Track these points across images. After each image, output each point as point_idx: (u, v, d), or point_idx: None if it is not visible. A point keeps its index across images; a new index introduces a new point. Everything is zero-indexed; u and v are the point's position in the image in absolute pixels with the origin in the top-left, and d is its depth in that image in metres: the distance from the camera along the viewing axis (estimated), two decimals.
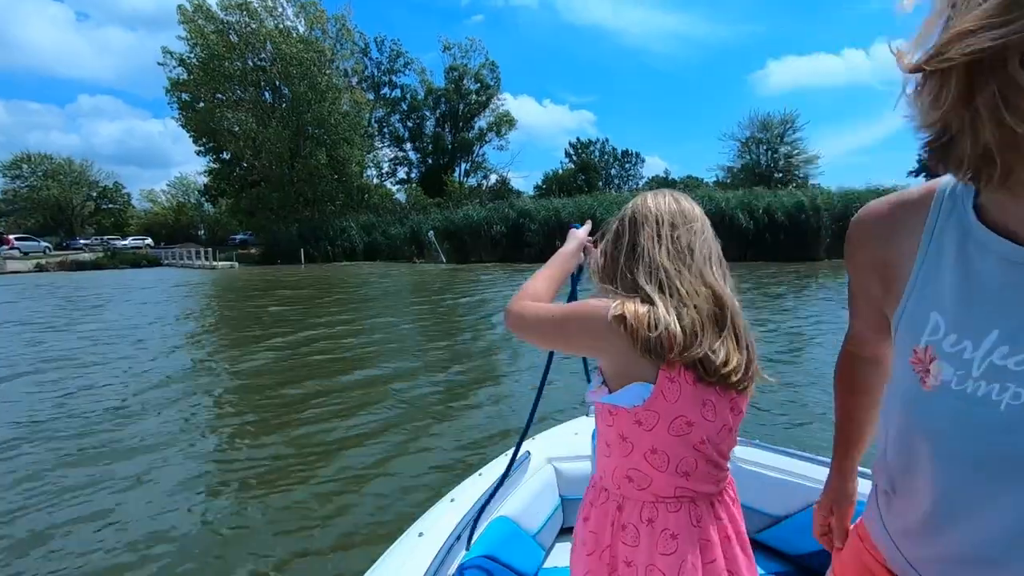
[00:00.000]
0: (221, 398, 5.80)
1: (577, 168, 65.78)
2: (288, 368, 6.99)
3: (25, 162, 62.58)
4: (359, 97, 38.56)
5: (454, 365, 7.04)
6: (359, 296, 15.74)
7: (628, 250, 0.99)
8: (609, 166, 69.56)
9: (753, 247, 25.78)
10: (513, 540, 1.61)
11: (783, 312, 10.78)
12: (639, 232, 0.99)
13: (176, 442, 4.44)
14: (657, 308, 0.89)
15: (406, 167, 53.64)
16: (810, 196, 26.30)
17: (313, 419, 4.95)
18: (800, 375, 6.22)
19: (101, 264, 30.99)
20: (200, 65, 34.27)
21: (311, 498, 3.43)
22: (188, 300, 15.95)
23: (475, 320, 11.04)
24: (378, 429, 4.68)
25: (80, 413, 5.22)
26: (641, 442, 0.93)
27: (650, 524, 0.94)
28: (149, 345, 8.62)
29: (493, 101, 51.17)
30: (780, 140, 51.91)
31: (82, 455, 4.22)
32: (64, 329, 10.43)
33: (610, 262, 1.02)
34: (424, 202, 39.61)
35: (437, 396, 5.71)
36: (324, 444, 4.38)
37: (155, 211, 70.43)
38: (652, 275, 0.94)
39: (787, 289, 15.08)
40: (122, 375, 6.70)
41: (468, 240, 31.01)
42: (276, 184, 36.32)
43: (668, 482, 0.94)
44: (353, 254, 33.92)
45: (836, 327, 8.83)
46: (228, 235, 53.00)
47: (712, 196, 28.21)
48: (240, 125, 34.20)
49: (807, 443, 3.97)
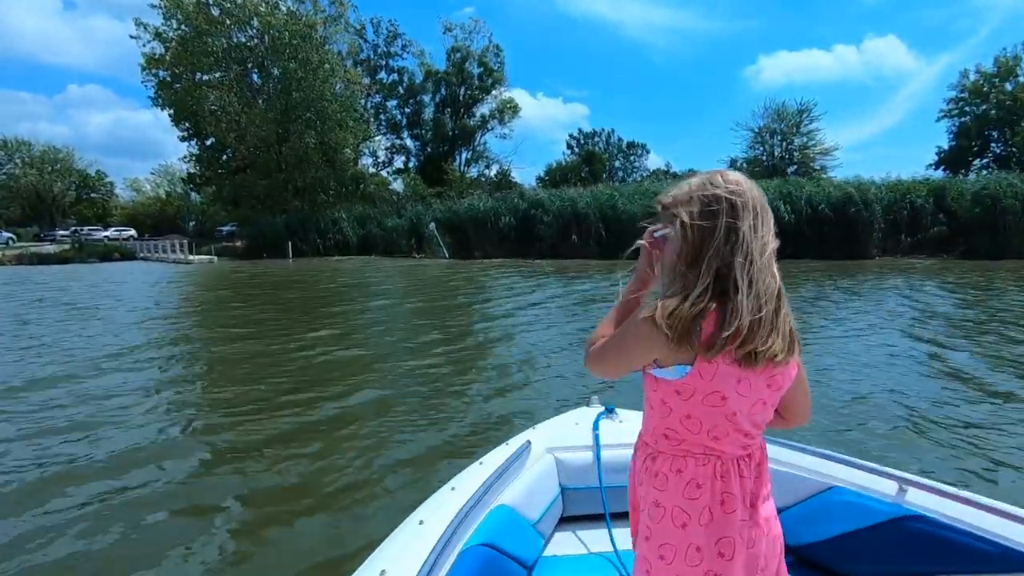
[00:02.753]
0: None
1: (581, 159, 63.41)
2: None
3: (2, 148, 59.49)
4: (353, 77, 35.38)
5: (457, 356, 6.77)
6: (357, 305, 12.85)
7: (723, 236, 0.94)
8: (613, 157, 67.42)
9: (793, 241, 22.97)
10: (513, 528, 1.60)
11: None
12: (740, 218, 0.95)
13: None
14: (738, 303, 0.91)
15: (403, 156, 50.61)
16: (858, 187, 23.44)
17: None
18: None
19: (66, 257, 28.03)
20: (178, 40, 31.07)
21: (306, 485, 3.42)
22: (118, 308, 13.03)
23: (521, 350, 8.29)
24: (375, 421, 4.65)
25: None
26: (679, 408, 1.00)
27: (679, 474, 1.03)
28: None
29: (497, 87, 48.01)
30: (796, 130, 49.27)
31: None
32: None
33: (692, 249, 0.96)
34: (423, 192, 36.65)
35: (436, 387, 5.58)
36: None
37: (140, 201, 67.21)
38: (746, 268, 0.93)
39: (822, 290, 12.28)
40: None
41: (472, 233, 28.18)
42: (263, 171, 33.25)
43: (698, 442, 1.02)
44: (346, 248, 31.16)
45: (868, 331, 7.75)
46: (216, 226, 50.00)
47: None
48: (221, 105, 31.03)
49: (807, 437, 3.48)
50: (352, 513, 3.10)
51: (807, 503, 1.71)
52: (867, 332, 7.84)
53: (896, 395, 4.95)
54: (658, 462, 1.06)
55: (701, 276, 0.93)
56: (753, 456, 1.06)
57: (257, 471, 3.62)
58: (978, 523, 1.38)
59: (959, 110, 46.43)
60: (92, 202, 66.34)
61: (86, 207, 65.06)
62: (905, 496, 1.54)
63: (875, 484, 1.62)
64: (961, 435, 4.04)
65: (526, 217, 27.00)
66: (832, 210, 22.65)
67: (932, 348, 6.83)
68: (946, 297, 11.69)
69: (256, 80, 34.20)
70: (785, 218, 22.92)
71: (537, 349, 7.11)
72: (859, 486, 1.64)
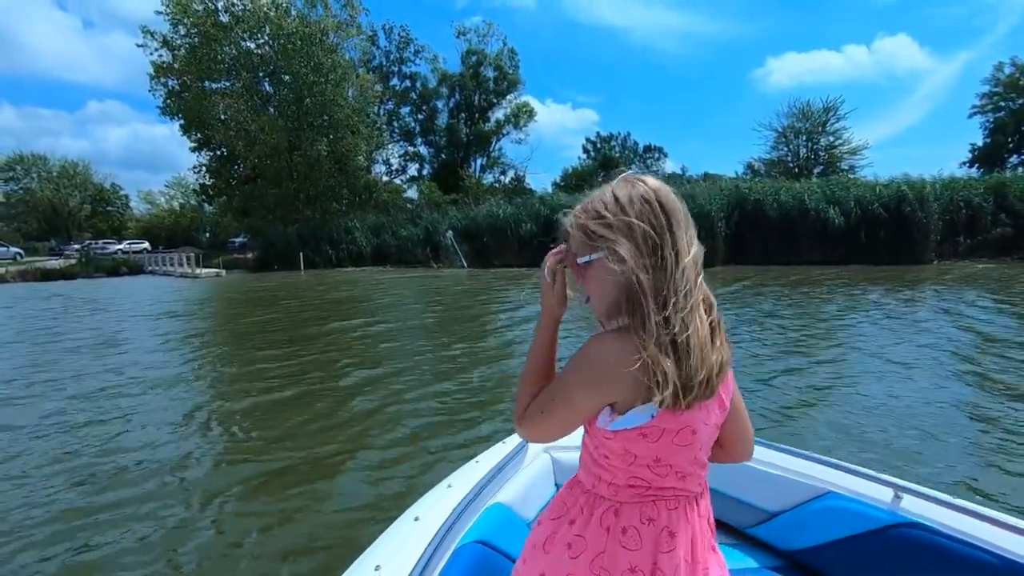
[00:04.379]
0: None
1: (598, 163, 62.24)
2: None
3: (18, 163, 59.60)
4: (366, 81, 34.19)
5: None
6: (379, 332, 11.37)
7: (669, 261, 0.86)
8: (630, 161, 66.26)
9: (842, 246, 21.15)
10: (508, 527, 1.60)
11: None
12: (678, 235, 0.88)
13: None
14: (691, 348, 0.84)
15: (417, 163, 49.43)
16: (911, 185, 21.50)
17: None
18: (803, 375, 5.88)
19: (72, 273, 27.02)
20: (186, 47, 30.14)
21: (300, 485, 3.49)
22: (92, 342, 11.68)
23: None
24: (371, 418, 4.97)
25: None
26: (646, 453, 0.89)
27: (651, 523, 0.92)
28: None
29: (513, 90, 46.71)
30: (822, 129, 47.35)
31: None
32: None
33: (640, 282, 0.85)
34: (439, 199, 35.29)
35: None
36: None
37: (154, 213, 67.02)
38: (687, 296, 0.85)
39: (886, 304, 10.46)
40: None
41: (491, 241, 26.72)
42: (273, 180, 32.10)
43: (667, 484, 0.92)
44: (360, 258, 29.89)
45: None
46: (229, 238, 49.14)
47: (787, 187, 23.67)
48: (231, 113, 29.96)
49: (802, 441, 3.84)
50: (346, 508, 3.18)
51: (801, 508, 1.68)
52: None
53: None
54: (623, 515, 0.92)
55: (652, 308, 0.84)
56: (706, 492, 0.99)
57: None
58: (973, 532, 1.34)
59: (993, 105, 44.39)
60: (107, 215, 66.27)
61: (101, 220, 64.96)
62: (900, 503, 1.51)
63: (870, 490, 1.57)
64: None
65: (548, 223, 25.50)
66: (885, 210, 20.74)
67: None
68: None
69: (268, 89, 33.20)
70: (835, 221, 21.11)
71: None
72: (854, 492, 1.60)
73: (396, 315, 11.92)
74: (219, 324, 11.64)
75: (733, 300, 12.10)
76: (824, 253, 21.35)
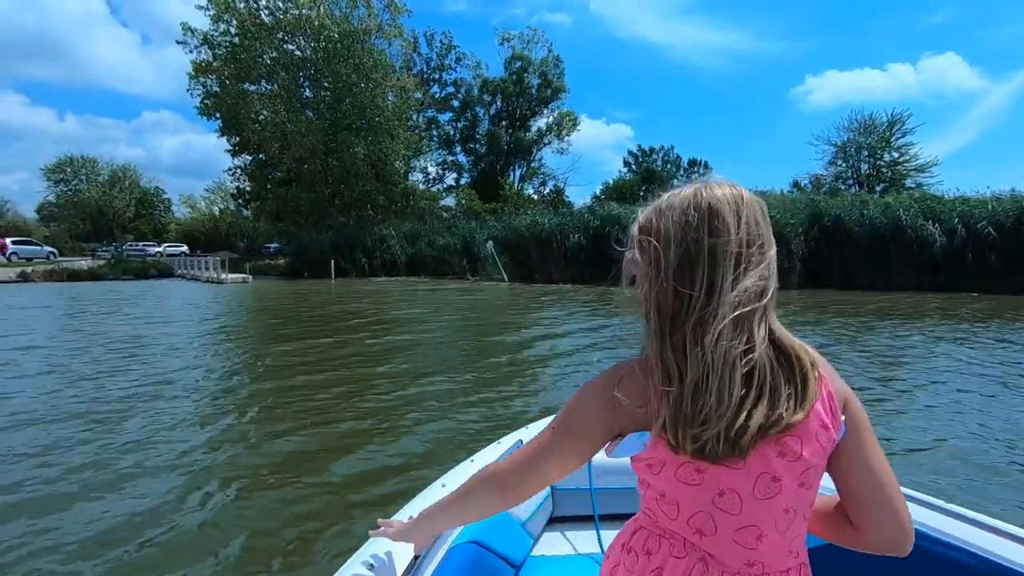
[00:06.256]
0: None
1: (640, 177, 60.07)
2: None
3: (68, 165, 60.96)
4: (406, 82, 32.84)
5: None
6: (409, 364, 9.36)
7: (698, 288, 0.76)
8: (672, 175, 63.89)
9: (943, 271, 18.23)
10: (502, 527, 1.59)
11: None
12: (718, 261, 0.75)
13: None
14: (701, 395, 0.73)
15: (455, 172, 48.02)
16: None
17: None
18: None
19: (99, 274, 26.15)
20: (226, 45, 29.36)
21: (296, 491, 3.31)
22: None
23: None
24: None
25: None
26: (655, 484, 0.80)
27: (648, 556, 0.82)
28: None
29: (558, 97, 44.94)
30: (887, 145, 43.85)
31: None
32: None
33: (658, 307, 0.78)
34: (478, 208, 33.53)
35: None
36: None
37: (194, 217, 67.75)
38: (716, 339, 0.75)
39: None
40: None
41: (535, 253, 24.65)
42: (307, 183, 30.92)
43: (675, 529, 0.79)
44: (393, 268, 28.33)
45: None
46: (265, 243, 48.58)
47: (876, 200, 20.92)
48: (268, 110, 28.96)
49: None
50: (340, 507, 3.09)
51: None
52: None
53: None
54: (636, 537, 0.86)
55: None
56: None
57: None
58: (969, 539, 1.32)
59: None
60: (150, 218, 67.20)
61: (144, 223, 65.86)
62: None
63: None
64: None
65: (598, 236, 23.29)
66: (997, 230, 17.75)
67: None
68: None
69: (308, 94, 32.26)
70: (935, 243, 18.24)
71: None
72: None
73: (428, 350, 9.87)
74: (213, 338, 9.82)
75: (815, 330, 9.63)
76: (919, 278, 18.46)
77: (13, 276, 24.17)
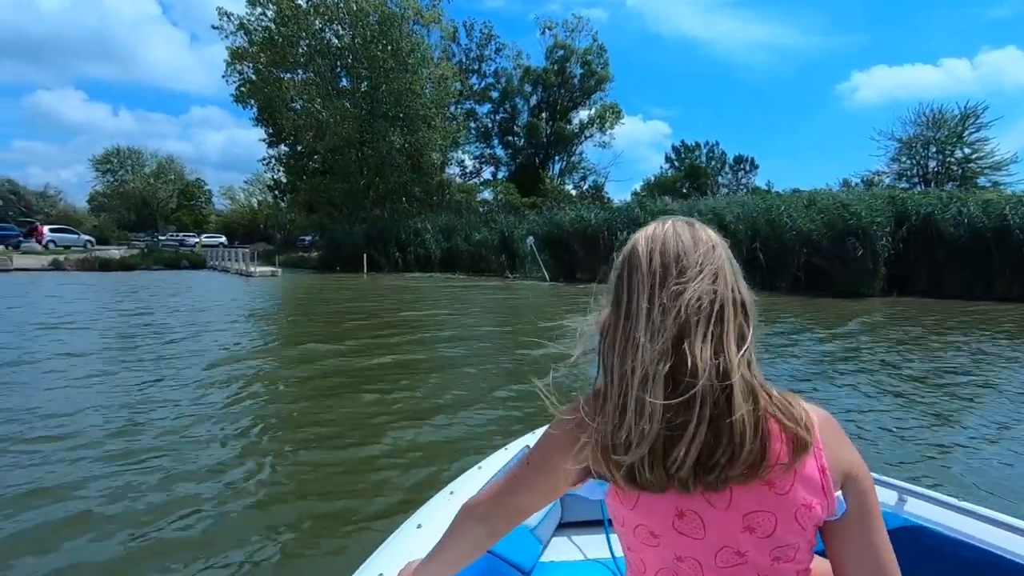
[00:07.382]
0: None
1: (684, 173, 57.35)
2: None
3: (115, 156, 62.19)
4: (445, 69, 31.44)
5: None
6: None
7: (621, 319, 0.79)
8: (717, 172, 60.86)
9: None
10: (511, 534, 1.46)
11: None
12: (633, 288, 0.78)
13: None
14: (626, 426, 0.74)
15: (492, 166, 46.48)
16: None
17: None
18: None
19: (131, 264, 25.69)
20: (263, 30, 28.52)
21: (310, 493, 3.20)
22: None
23: None
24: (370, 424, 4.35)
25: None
26: (621, 535, 0.80)
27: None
28: None
29: (602, 87, 42.82)
30: (958, 140, 40.16)
31: None
32: None
33: (603, 338, 0.81)
34: (517, 202, 31.89)
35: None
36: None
37: (234, 208, 68.45)
38: (632, 371, 0.76)
39: None
40: None
41: (579, 250, 22.92)
42: (342, 174, 29.91)
43: (649, 558, 0.77)
44: (428, 263, 27.04)
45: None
46: (300, 236, 48.26)
47: (977, 198, 18.34)
48: (304, 98, 28.02)
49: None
50: (349, 514, 3.01)
51: None
52: None
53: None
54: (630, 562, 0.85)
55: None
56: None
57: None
58: (980, 535, 1.31)
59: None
60: (191, 208, 68.16)
61: (185, 214, 66.86)
62: (905, 506, 1.47)
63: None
64: None
65: None
66: None
67: None
68: None
69: (345, 84, 31.29)
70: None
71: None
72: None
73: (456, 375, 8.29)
74: (220, 337, 8.48)
75: (901, 347, 7.60)
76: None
77: (46, 264, 23.88)
